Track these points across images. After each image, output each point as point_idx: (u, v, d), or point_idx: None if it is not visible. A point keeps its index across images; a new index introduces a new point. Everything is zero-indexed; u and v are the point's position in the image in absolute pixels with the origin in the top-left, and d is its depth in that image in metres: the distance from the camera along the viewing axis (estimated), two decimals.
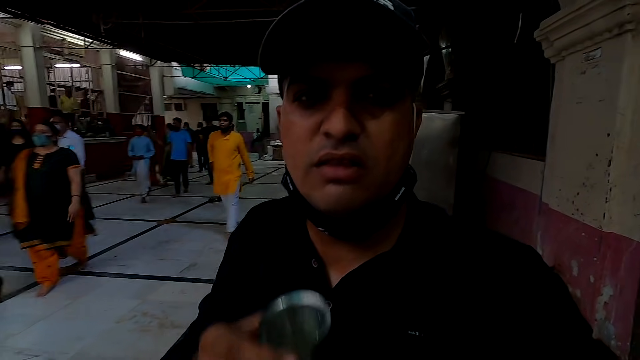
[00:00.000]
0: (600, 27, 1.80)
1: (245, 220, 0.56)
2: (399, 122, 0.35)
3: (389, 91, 0.35)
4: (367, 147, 0.34)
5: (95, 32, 7.78)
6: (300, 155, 0.36)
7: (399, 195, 0.38)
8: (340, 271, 0.41)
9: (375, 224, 0.38)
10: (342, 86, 0.34)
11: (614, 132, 1.74)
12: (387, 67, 0.33)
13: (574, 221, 2.06)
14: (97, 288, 3.38)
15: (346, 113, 0.33)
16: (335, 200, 0.34)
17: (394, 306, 0.37)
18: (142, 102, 13.84)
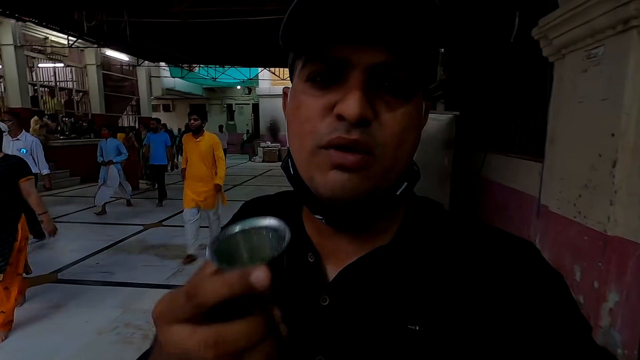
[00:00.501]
0: (602, 23, 1.74)
1: (238, 214, 0.54)
2: (411, 115, 0.35)
3: (406, 82, 0.34)
4: (378, 136, 0.33)
5: (79, 31, 7.54)
6: (307, 135, 0.35)
7: (400, 190, 0.37)
8: (337, 265, 0.40)
9: (374, 216, 0.38)
10: (360, 69, 0.33)
11: (618, 132, 1.68)
12: (407, 56, 0.32)
13: (576, 224, 2.00)
14: (77, 297, 3.21)
15: (362, 97, 0.32)
16: (339, 187, 0.34)
17: (393, 300, 0.37)
18: (129, 103, 13.56)
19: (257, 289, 0.22)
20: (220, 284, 0.22)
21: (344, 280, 0.39)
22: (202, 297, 0.22)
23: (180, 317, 0.23)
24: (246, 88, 19.29)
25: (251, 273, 0.22)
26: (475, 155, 3.97)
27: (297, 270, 0.41)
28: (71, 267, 3.88)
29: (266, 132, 16.97)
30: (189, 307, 0.23)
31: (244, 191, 8.63)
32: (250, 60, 11.34)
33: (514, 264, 0.36)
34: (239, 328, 0.22)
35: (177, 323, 0.23)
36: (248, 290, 0.22)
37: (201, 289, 0.23)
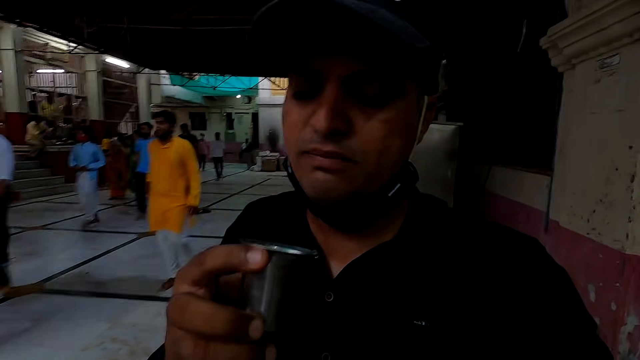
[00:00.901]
0: (618, 31, 1.67)
1: (242, 215, 0.55)
2: (393, 121, 0.34)
3: (382, 90, 0.34)
4: (355, 145, 0.33)
5: (80, 37, 7.52)
6: (293, 141, 0.37)
7: (393, 192, 0.38)
8: (341, 261, 0.40)
9: (367, 218, 0.38)
10: (333, 81, 0.33)
11: (637, 144, 1.60)
12: (379, 65, 0.33)
13: (590, 241, 1.89)
14: (63, 309, 3.07)
15: (331, 110, 0.32)
16: (320, 187, 0.35)
17: (398, 296, 0.37)
18: (128, 110, 13.52)
19: (248, 266, 0.23)
20: (223, 250, 0.24)
21: (349, 276, 0.39)
22: (205, 258, 0.24)
23: (189, 276, 0.25)
24: (246, 97, 19.32)
25: (251, 249, 0.23)
26: (479, 168, 3.89)
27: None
28: (59, 276, 3.74)
29: (265, 141, 16.92)
30: (194, 265, 0.25)
31: (241, 200, 8.51)
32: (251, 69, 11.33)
33: (519, 260, 0.36)
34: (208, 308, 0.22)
35: (185, 282, 0.25)
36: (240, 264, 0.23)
37: (209, 252, 0.24)
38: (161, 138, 3.19)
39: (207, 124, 20.39)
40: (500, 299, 0.34)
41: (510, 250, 0.37)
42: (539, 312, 0.33)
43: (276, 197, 0.54)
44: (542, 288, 0.34)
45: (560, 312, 0.33)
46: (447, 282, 0.36)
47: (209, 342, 0.23)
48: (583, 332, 0.33)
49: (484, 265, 0.36)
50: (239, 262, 0.23)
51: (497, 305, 0.34)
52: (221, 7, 5.81)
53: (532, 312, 0.33)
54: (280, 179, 12.43)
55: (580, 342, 0.33)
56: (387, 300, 0.37)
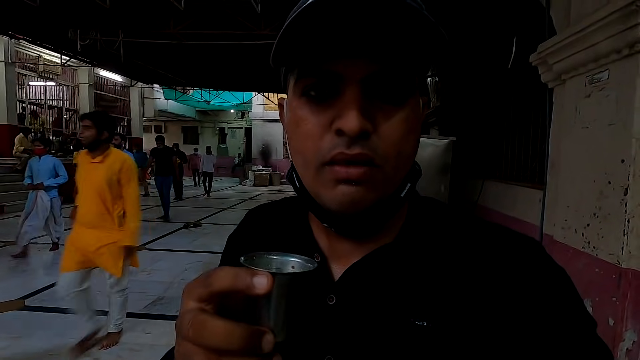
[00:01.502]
0: (607, 48, 1.71)
1: (244, 222, 0.55)
2: (408, 119, 0.35)
3: (400, 88, 0.34)
4: (378, 146, 0.34)
5: (73, 50, 7.51)
6: (310, 152, 0.36)
7: (404, 192, 0.38)
8: (342, 264, 0.40)
9: (381, 221, 0.39)
10: (354, 82, 0.33)
11: (629, 157, 1.61)
12: (398, 64, 0.33)
13: (585, 255, 1.89)
14: (43, 326, 2.93)
15: (360, 110, 0.33)
16: (348, 201, 0.34)
17: (400, 297, 0.37)
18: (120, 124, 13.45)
19: (255, 290, 0.24)
20: (229, 274, 0.25)
21: (350, 278, 0.39)
22: (211, 280, 0.25)
23: (195, 293, 0.25)
24: (239, 112, 19.40)
25: (257, 274, 0.24)
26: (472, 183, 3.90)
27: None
28: (41, 292, 3.58)
29: (258, 156, 16.91)
30: (201, 285, 0.25)
31: (233, 215, 8.39)
32: (244, 84, 11.45)
33: (518, 260, 0.36)
34: (226, 326, 0.23)
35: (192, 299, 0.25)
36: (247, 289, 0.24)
37: (216, 273, 0.25)
38: (89, 149, 2.36)
39: (200, 138, 20.34)
40: (500, 298, 0.34)
41: (510, 251, 0.37)
42: (539, 311, 0.33)
43: (277, 203, 0.54)
44: (542, 288, 0.34)
45: (561, 311, 0.34)
46: (447, 283, 0.37)
47: (221, 356, 0.24)
48: (583, 331, 0.34)
49: (484, 265, 0.36)
50: (246, 286, 0.24)
51: (497, 305, 0.34)
52: (216, 22, 5.88)
53: (532, 311, 0.33)
54: (272, 194, 12.36)
55: (581, 341, 0.33)
56: (388, 301, 0.37)
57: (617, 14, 1.57)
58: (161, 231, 6.33)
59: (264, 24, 5.78)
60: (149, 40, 6.26)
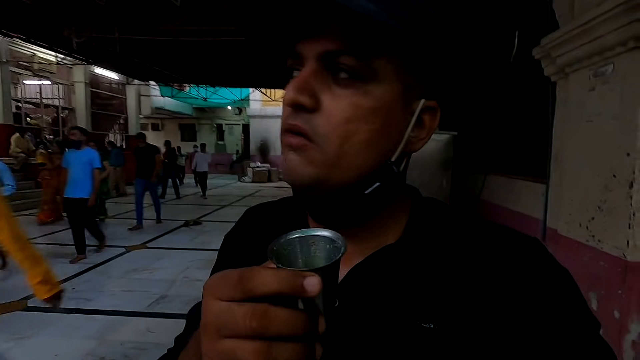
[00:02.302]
0: (611, 41, 1.70)
1: (241, 220, 0.55)
2: (359, 106, 0.34)
3: (353, 71, 0.34)
4: (319, 124, 0.34)
5: (68, 48, 7.42)
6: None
7: (370, 190, 0.37)
8: (344, 265, 0.39)
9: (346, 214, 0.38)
10: (309, 60, 0.35)
11: (634, 151, 1.61)
12: (352, 43, 0.34)
13: (590, 248, 1.89)
14: (48, 327, 2.93)
15: (298, 84, 0.34)
16: (287, 167, 0.36)
17: (405, 299, 0.37)
18: (117, 121, 13.35)
19: (307, 293, 0.23)
20: (274, 277, 0.24)
21: (353, 280, 0.39)
22: (254, 283, 0.24)
23: (228, 295, 0.25)
24: (237, 108, 19.30)
25: (305, 276, 0.24)
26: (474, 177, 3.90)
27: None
28: None
29: (256, 152, 16.85)
30: (239, 288, 0.24)
31: (233, 211, 8.38)
32: (242, 80, 11.36)
33: (522, 261, 0.36)
34: (287, 314, 0.24)
35: (224, 300, 0.25)
36: (298, 292, 0.23)
37: (256, 276, 0.24)
38: None
39: (197, 135, 20.24)
40: (505, 300, 0.34)
41: (514, 252, 0.37)
42: (543, 313, 0.33)
43: (276, 202, 0.54)
44: (546, 289, 0.34)
45: (564, 313, 0.34)
46: (453, 284, 0.36)
47: (271, 344, 0.23)
48: (587, 332, 0.34)
49: (489, 266, 0.36)
50: (295, 290, 0.24)
51: (502, 307, 0.34)
52: (213, 19, 5.81)
53: (536, 313, 0.33)
54: (271, 190, 12.34)
55: (584, 342, 0.33)
56: (393, 303, 0.37)
57: (623, 6, 1.56)
58: (162, 229, 6.33)
59: None
60: (146, 37, 6.19)
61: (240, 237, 0.52)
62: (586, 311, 0.35)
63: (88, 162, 4.42)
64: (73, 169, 4.38)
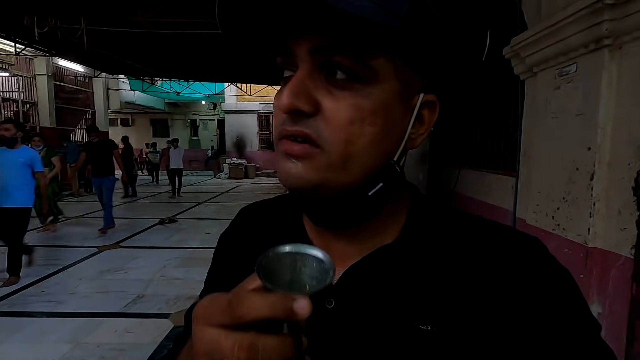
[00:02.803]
0: (575, 42, 1.82)
1: (236, 221, 0.53)
2: (363, 107, 0.33)
3: (351, 72, 0.32)
4: (322, 128, 0.33)
5: (29, 38, 6.99)
6: (274, 128, 0.37)
7: (374, 191, 0.36)
8: (340, 266, 0.38)
9: (348, 216, 0.37)
10: (302, 58, 0.33)
11: (595, 145, 1.74)
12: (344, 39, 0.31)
13: (555, 236, 2.03)
14: (17, 332, 2.80)
15: (293, 87, 0.32)
16: (287, 175, 0.34)
17: (402, 300, 0.36)
18: (84, 117, 12.74)
19: (298, 317, 0.23)
20: (264, 303, 0.23)
21: (349, 281, 0.38)
22: (244, 311, 0.24)
23: (218, 322, 0.24)
24: (211, 103, 18.89)
25: (296, 300, 0.23)
26: (449, 171, 4.05)
27: None
28: (11, 297, 3.41)
29: (232, 148, 16.60)
30: (228, 315, 0.24)
31: (209, 209, 8.25)
32: (217, 75, 11.13)
33: (522, 261, 0.35)
34: (274, 341, 0.24)
35: (214, 326, 0.25)
36: (289, 316, 0.23)
37: (245, 303, 0.24)
38: None
39: (170, 131, 19.67)
40: (504, 301, 0.34)
41: (513, 251, 0.36)
42: (543, 314, 0.33)
43: (271, 201, 0.53)
44: (547, 290, 0.34)
45: (565, 314, 0.33)
46: (451, 285, 0.36)
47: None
48: (587, 334, 0.33)
49: (488, 266, 0.36)
50: (286, 315, 0.23)
51: (501, 308, 0.34)
52: (186, 11, 5.66)
53: (536, 313, 0.33)
54: (248, 187, 12.21)
55: (584, 344, 0.33)
56: (390, 304, 0.36)
57: (586, 10, 1.67)
58: (136, 228, 6.14)
59: None
60: (115, 29, 5.94)
61: (236, 237, 0.51)
62: (587, 313, 0.35)
63: (24, 163, 3.68)
64: (3, 172, 3.58)
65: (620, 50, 1.65)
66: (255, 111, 16.52)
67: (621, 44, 1.64)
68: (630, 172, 1.60)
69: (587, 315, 0.35)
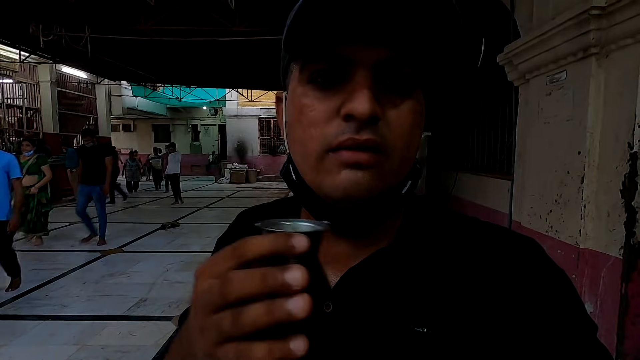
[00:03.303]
0: (565, 50, 1.89)
1: (234, 224, 0.53)
2: (416, 111, 0.35)
3: (409, 78, 0.34)
4: (386, 134, 0.33)
5: (34, 46, 7.11)
6: (314, 140, 0.34)
7: (405, 189, 0.37)
8: (338, 270, 0.39)
9: (380, 217, 0.37)
10: (366, 67, 0.32)
11: (584, 150, 1.80)
12: (410, 52, 0.32)
13: (549, 238, 2.08)
14: (23, 334, 2.85)
15: (371, 94, 0.32)
16: (353, 186, 0.33)
17: (399, 303, 0.36)
18: (86, 122, 12.84)
19: (297, 250, 0.23)
20: (263, 240, 0.24)
21: (347, 284, 0.38)
22: (246, 248, 0.24)
23: (222, 267, 0.25)
24: (212, 109, 19.00)
25: (294, 236, 0.24)
26: (447, 175, 4.11)
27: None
28: (15, 301, 3.46)
29: (233, 153, 16.69)
30: (231, 257, 0.25)
31: (211, 213, 8.31)
32: (218, 80, 11.24)
33: (518, 262, 0.36)
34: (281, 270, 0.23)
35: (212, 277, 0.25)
36: (288, 250, 0.23)
37: (247, 242, 0.24)
38: None
39: (171, 136, 19.78)
40: (500, 302, 0.34)
41: (511, 253, 0.37)
42: (540, 315, 0.33)
43: (269, 205, 0.53)
44: (543, 291, 0.34)
45: (561, 315, 0.34)
46: (447, 287, 0.36)
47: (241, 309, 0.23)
48: (583, 335, 0.34)
49: (484, 268, 0.36)
50: (286, 248, 0.23)
51: (498, 309, 0.34)
52: (188, 18, 5.76)
53: (532, 315, 0.33)
54: (249, 191, 12.27)
55: (581, 345, 0.33)
56: (387, 308, 0.36)
57: (574, 20, 1.74)
58: (138, 232, 6.20)
59: (239, 21, 5.73)
60: (118, 37, 6.05)
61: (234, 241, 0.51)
62: (583, 314, 0.35)
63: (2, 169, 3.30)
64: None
65: (607, 58, 1.72)
66: (257, 116, 16.63)
67: (608, 52, 1.71)
68: (618, 175, 1.66)
69: (583, 316, 0.35)
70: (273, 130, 16.92)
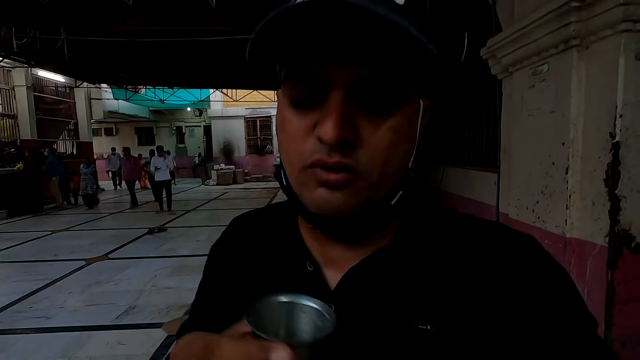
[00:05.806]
0: (546, 43, 1.91)
1: (228, 231, 0.52)
2: (397, 129, 0.34)
3: (388, 97, 0.33)
4: (361, 155, 0.33)
5: (7, 49, 6.86)
6: (294, 153, 0.35)
7: (395, 200, 0.37)
8: (338, 271, 0.39)
9: (368, 227, 0.38)
10: (339, 88, 0.32)
11: (568, 141, 1.82)
12: (384, 71, 0.31)
13: (536, 229, 2.11)
14: (5, 349, 2.74)
15: (339, 119, 0.31)
16: (325, 204, 0.34)
17: (400, 301, 0.36)
18: (66, 127, 12.49)
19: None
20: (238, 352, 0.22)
21: (348, 285, 0.38)
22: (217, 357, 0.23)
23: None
24: (197, 110, 18.74)
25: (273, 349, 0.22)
26: (434, 169, 4.14)
27: (296, 280, 0.40)
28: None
29: (220, 154, 16.50)
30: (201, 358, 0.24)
31: (199, 216, 8.19)
32: (201, 81, 11.07)
33: (518, 259, 0.36)
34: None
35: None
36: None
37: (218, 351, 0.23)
38: None
39: (155, 139, 19.42)
40: (501, 299, 0.35)
41: (509, 250, 0.37)
42: (540, 311, 0.34)
43: (263, 210, 0.52)
44: (543, 287, 0.34)
45: (561, 311, 0.34)
46: (448, 284, 0.36)
47: None
48: (584, 331, 0.34)
49: (484, 265, 0.36)
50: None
51: (499, 306, 0.34)
52: (169, 18, 5.65)
53: (533, 311, 0.34)
54: (238, 192, 12.16)
55: (581, 341, 0.33)
56: (389, 306, 0.37)
57: (554, 13, 1.76)
58: (124, 239, 6.06)
59: (220, 20, 5.64)
60: (96, 38, 5.88)
61: (229, 248, 0.50)
62: (583, 309, 0.35)
63: None
64: None
65: (588, 49, 1.74)
66: (242, 116, 16.47)
67: (588, 44, 1.74)
68: (601, 164, 1.69)
69: (584, 311, 0.35)
70: (260, 130, 16.79)
